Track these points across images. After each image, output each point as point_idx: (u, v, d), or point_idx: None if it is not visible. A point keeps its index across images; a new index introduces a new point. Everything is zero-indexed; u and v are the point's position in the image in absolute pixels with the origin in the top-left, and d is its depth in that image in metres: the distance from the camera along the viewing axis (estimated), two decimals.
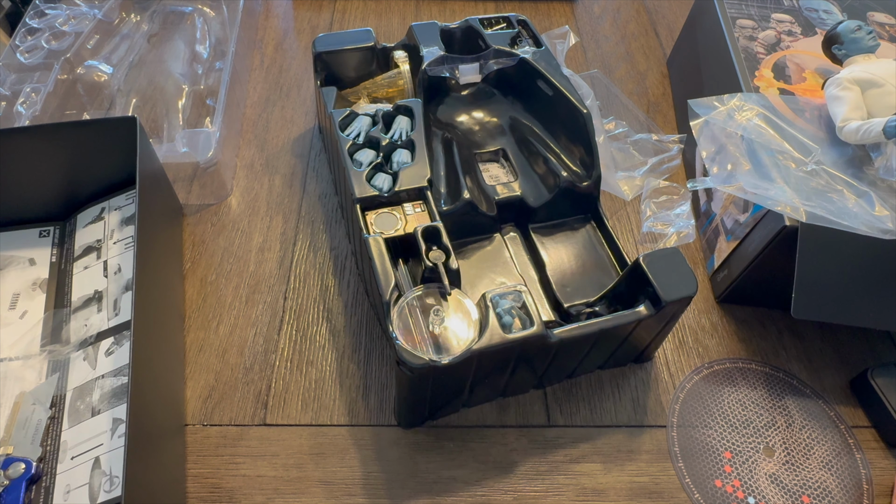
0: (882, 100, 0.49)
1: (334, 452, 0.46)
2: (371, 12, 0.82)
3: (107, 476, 0.41)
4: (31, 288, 0.52)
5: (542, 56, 0.56)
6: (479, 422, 0.48)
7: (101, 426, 0.43)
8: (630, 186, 0.62)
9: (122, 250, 0.52)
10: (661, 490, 0.45)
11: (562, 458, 0.46)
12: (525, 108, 0.58)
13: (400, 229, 0.45)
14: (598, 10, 0.85)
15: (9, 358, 0.47)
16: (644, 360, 0.51)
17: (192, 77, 0.68)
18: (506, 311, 0.40)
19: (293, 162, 0.64)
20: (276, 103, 0.70)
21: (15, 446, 0.43)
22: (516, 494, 0.44)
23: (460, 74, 0.57)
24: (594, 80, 0.73)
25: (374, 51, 0.59)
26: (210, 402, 0.48)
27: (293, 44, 0.77)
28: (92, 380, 0.45)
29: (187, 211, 0.60)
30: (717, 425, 0.48)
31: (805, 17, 0.63)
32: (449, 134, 0.56)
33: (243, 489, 0.44)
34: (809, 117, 0.52)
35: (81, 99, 0.66)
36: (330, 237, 0.58)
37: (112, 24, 0.72)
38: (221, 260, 0.56)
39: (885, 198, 0.46)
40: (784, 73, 0.57)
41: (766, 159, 0.48)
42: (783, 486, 0.45)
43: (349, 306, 0.54)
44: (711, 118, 0.51)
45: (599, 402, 0.49)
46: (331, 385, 0.49)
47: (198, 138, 0.56)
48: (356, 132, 0.51)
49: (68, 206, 0.56)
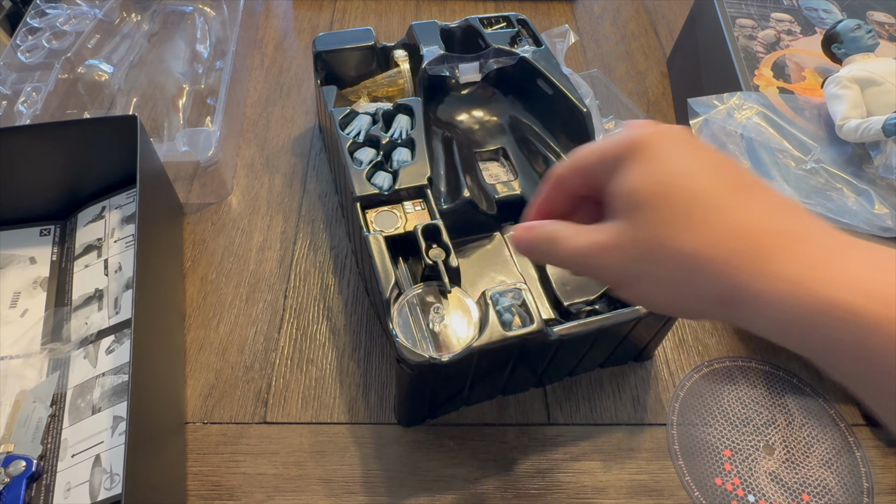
0: (881, 98, 0.49)
1: (334, 450, 0.46)
2: (371, 12, 0.82)
3: (107, 474, 0.41)
4: (32, 286, 0.52)
5: (542, 55, 0.56)
6: (479, 420, 0.48)
7: (101, 424, 0.43)
8: None
9: (122, 249, 0.52)
10: (662, 488, 0.45)
11: (562, 456, 0.46)
12: (525, 107, 0.58)
13: (400, 227, 0.45)
14: (598, 10, 0.85)
15: (9, 356, 0.47)
16: (644, 359, 0.51)
17: (192, 76, 0.69)
18: (506, 308, 0.41)
19: (293, 161, 0.64)
20: (276, 103, 0.70)
21: (15, 444, 0.43)
22: (516, 492, 0.44)
23: (460, 73, 0.57)
24: (594, 80, 0.73)
25: (375, 50, 0.59)
26: (210, 400, 0.48)
27: (293, 43, 0.77)
28: (92, 378, 0.45)
29: (188, 210, 0.60)
30: (717, 423, 0.48)
31: (804, 16, 0.63)
32: (449, 133, 0.56)
33: (243, 487, 0.44)
34: (809, 116, 0.52)
35: (82, 98, 0.66)
36: (330, 236, 0.58)
37: (113, 23, 0.73)
38: (222, 259, 0.56)
39: (884, 196, 0.46)
40: (783, 71, 0.57)
41: (766, 158, 0.48)
42: (783, 483, 0.45)
43: (349, 305, 0.54)
44: (711, 117, 0.51)
45: (599, 401, 0.49)
46: (331, 383, 0.49)
47: (198, 137, 0.56)
48: (356, 131, 0.51)
49: (69, 204, 0.56)
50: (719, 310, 0.25)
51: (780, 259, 0.23)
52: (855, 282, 0.21)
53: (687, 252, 0.25)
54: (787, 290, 0.22)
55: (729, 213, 0.24)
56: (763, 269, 0.23)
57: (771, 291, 0.23)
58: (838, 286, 0.21)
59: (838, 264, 0.22)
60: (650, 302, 0.28)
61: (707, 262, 0.24)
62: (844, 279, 0.21)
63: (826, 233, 0.23)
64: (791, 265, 0.23)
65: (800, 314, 0.22)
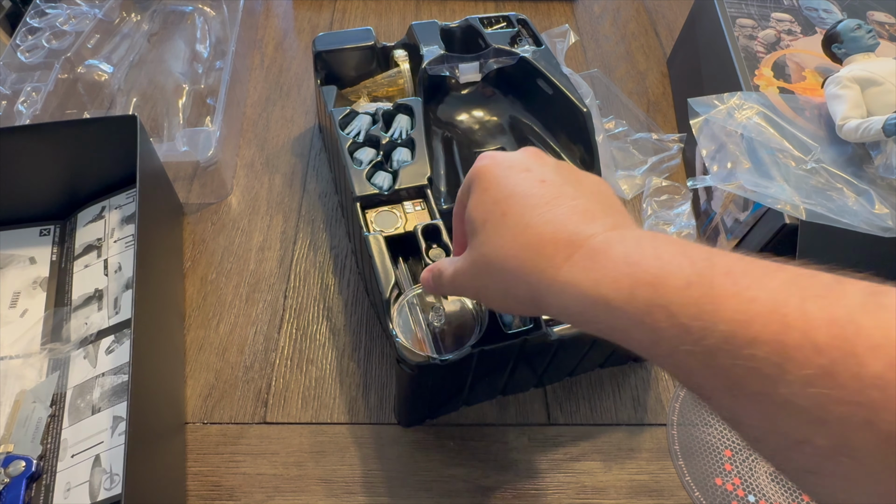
0: (881, 98, 0.49)
1: (334, 451, 0.46)
2: (371, 12, 0.82)
3: (107, 474, 0.41)
4: (32, 286, 0.52)
5: (542, 55, 0.56)
6: (479, 420, 0.48)
7: (101, 424, 0.43)
8: (630, 185, 0.62)
9: (122, 249, 0.52)
10: (662, 488, 0.45)
11: (562, 456, 0.46)
12: (525, 107, 0.58)
13: (400, 227, 0.45)
14: (598, 10, 0.85)
15: (9, 356, 0.47)
16: (644, 359, 0.51)
17: (192, 76, 0.69)
18: None
19: (293, 161, 0.64)
20: (276, 103, 0.70)
21: (15, 444, 0.43)
22: (516, 493, 0.44)
23: (460, 73, 0.57)
24: (594, 80, 0.73)
25: (375, 50, 0.59)
26: (210, 400, 0.48)
27: (293, 43, 0.77)
28: (92, 378, 0.45)
29: (187, 210, 0.60)
30: (717, 423, 0.48)
31: (805, 16, 0.63)
32: (449, 132, 0.56)
33: (243, 487, 0.44)
34: (809, 116, 0.52)
35: (82, 98, 0.66)
36: (330, 236, 0.58)
37: (112, 23, 0.73)
38: (222, 259, 0.56)
39: (884, 196, 0.46)
40: (784, 71, 0.57)
41: (766, 157, 0.48)
42: (784, 483, 0.45)
43: (349, 305, 0.54)
44: (711, 117, 0.51)
45: (599, 401, 0.49)
46: (331, 383, 0.49)
47: (198, 137, 0.56)
48: (356, 131, 0.51)
49: (69, 204, 0.56)
50: (534, 308, 0.30)
51: (561, 265, 0.27)
52: (610, 278, 0.25)
53: (502, 264, 0.30)
54: (567, 290, 0.27)
55: (532, 228, 0.29)
56: (551, 274, 0.28)
57: (558, 293, 0.27)
58: (599, 284, 0.26)
59: (603, 264, 0.26)
60: (499, 308, 0.33)
61: (516, 271, 0.29)
62: (602, 277, 0.26)
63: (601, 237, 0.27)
64: (570, 270, 0.27)
65: (580, 309, 0.27)
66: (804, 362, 0.19)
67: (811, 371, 0.19)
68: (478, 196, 0.33)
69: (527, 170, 0.32)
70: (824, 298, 0.20)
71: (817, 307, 0.20)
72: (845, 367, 0.19)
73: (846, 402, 0.19)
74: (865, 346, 0.19)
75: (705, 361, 0.22)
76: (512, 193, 0.31)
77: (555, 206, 0.29)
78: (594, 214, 0.29)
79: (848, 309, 0.20)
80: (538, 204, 0.30)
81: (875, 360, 0.18)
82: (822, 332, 0.19)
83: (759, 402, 0.21)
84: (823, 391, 0.19)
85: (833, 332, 0.19)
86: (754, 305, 0.21)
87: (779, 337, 0.20)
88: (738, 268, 0.23)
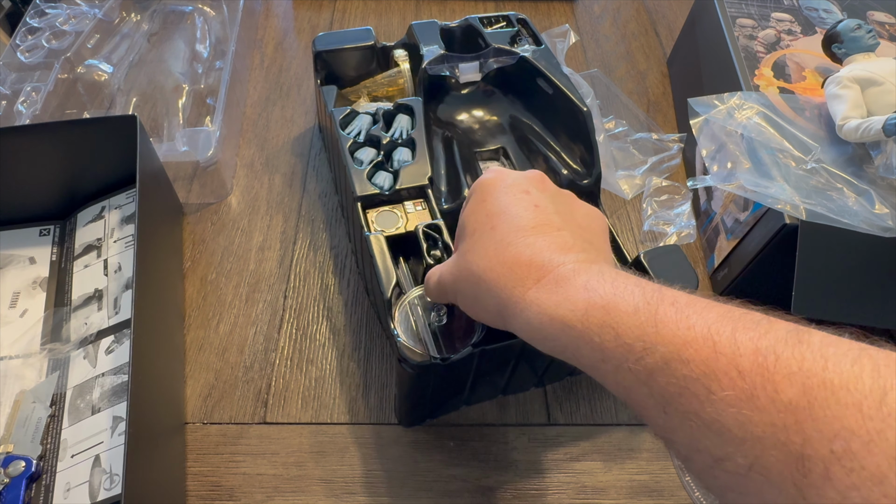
0: (882, 98, 0.49)
1: (334, 451, 0.46)
2: (371, 11, 0.82)
3: (107, 474, 0.41)
4: (32, 286, 0.52)
5: (542, 55, 0.56)
6: (480, 420, 0.48)
7: (101, 424, 0.43)
8: (630, 185, 0.62)
9: (122, 249, 0.52)
10: (662, 488, 0.45)
11: (562, 456, 0.46)
12: (525, 107, 0.58)
13: (401, 227, 0.45)
14: (598, 10, 0.85)
15: (9, 356, 0.47)
16: None
17: (192, 76, 0.68)
18: None
19: (293, 161, 0.64)
20: (276, 102, 0.70)
21: (15, 444, 0.43)
22: (516, 493, 0.44)
23: (460, 73, 0.57)
24: (594, 80, 0.73)
25: (375, 49, 0.59)
26: (210, 400, 0.48)
27: (293, 43, 0.77)
28: (92, 378, 0.45)
29: (187, 210, 0.60)
30: None
31: (805, 16, 0.63)
32: (449, 132, 0.56)
33: (243, 487, 0.44)
34: (809, 116, 0.52)
35: (82, 98, 0.66)
36: (330, 236, 0.58)
37: (112, 23, 0.72)
38: (221, 259, 0.56)
39: (884, 196, 0.46)
40: (784, 71, 0.57)
41: (766, 157, 0.48)
42: None
43: (349, 305, 0.54)
44: (711, 117, 0.51)
45: (600, 401, 0.49)
46: (331, 383, 0.49)
47: (198, 137, 0.56)
48: (357, 131, 0.51)
49: (68, 204, 0.56)
50: (499, 320, 0.32)
51: (530, 287, 0.30)
52: (569, 301, 0.28)
53: (480, 275, 0.32)
54: (531, 308, 0.29)
55: (513, 248, 0.31)
56: (519, 293, 0.30)
57: (523, 310, 0.30)
58: (559, 305, 0.28)
59: (565, 289, 0.28)
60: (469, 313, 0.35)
61: (489, 283, 0.31)
62: (563, 300, 0.28)
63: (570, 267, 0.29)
64: (536, 291, 0.29)
65: (539, 326, 0.29)
66: (728, 385, 0.21)
67: (734, 393, 0.21)
68: (474, 205, 0.35)
69: (525, 192, 0.34)
70: (753, 331, 0.23)
71: (746, 338, 0.22)
72: (763, 391, 0.21)
73: (763, 423, 0.20)
74: (782, 374, 0.21)
75: (644, 379, 0.24)
76: (505, 211, 0.33)
77: (539, 232, 0.32)
78: (571, 247, 0.31)
79: (772, 341, 0.22)
80: (525, 227, 0.32)
81: (789, 387, 0.20)
82: (747, 360, 0.22)
83: (689, 420, 0.23)
84: (744, 412, 0.21)
85: (756, 360, 0.21)
86: (691, 332, 0.23)
87: (709, 361, 0.22)
88: (683, 300, 0.25)
